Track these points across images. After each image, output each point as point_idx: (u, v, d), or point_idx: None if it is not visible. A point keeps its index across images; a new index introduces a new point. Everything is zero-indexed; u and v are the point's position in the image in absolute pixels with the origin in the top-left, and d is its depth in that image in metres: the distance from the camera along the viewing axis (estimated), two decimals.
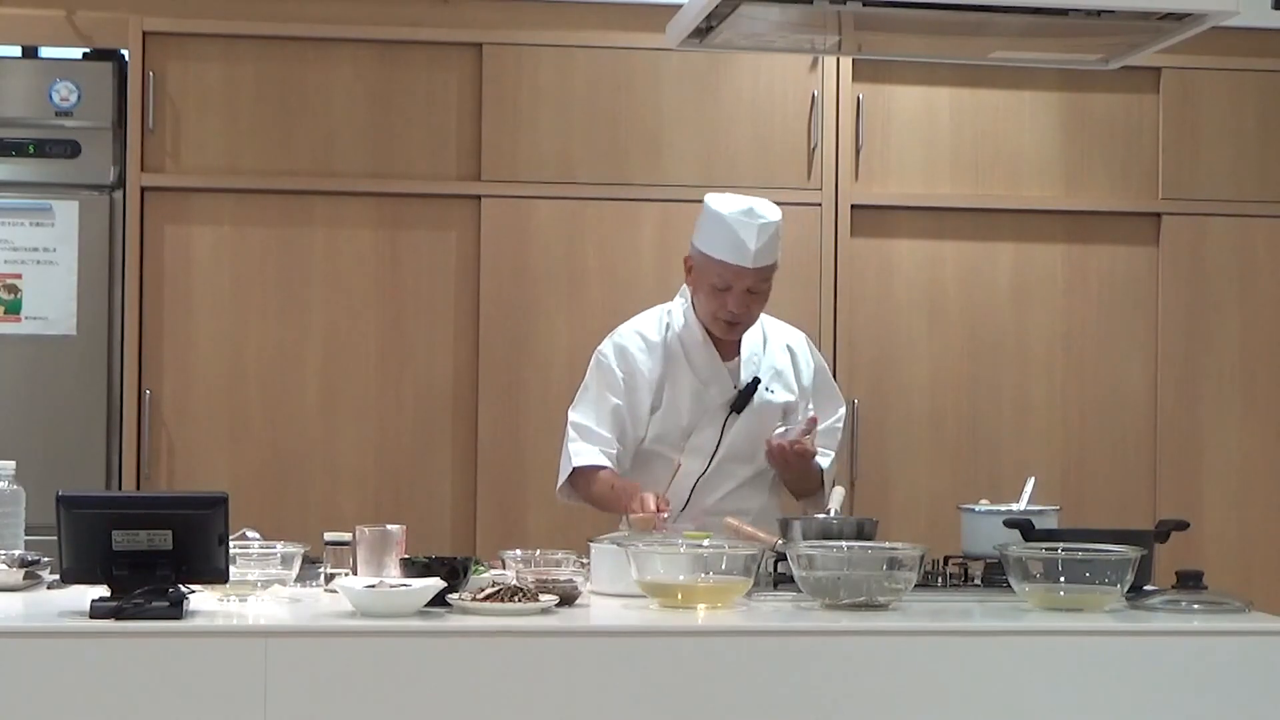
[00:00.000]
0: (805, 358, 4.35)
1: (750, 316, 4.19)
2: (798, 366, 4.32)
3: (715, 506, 4.13)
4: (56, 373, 5.14)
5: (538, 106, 5.29)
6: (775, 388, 4.25)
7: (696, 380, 4.20)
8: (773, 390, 4.24)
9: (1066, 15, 3.64)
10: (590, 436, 4.15)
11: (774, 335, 4.33)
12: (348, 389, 5.24)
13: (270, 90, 5.22)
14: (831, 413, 4.33)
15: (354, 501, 5.19)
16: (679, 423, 4.19)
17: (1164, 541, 3.71)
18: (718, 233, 4.13)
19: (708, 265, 4.14)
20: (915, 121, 5.45)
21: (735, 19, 3.70)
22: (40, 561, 3.54)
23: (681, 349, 4.23)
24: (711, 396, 4.20)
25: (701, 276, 4.17)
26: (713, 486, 4.19)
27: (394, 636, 3.09)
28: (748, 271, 4.10)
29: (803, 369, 4.33)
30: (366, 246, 5.26)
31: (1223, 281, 5.52)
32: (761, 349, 4.28)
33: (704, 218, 4.18)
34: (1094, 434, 5.48)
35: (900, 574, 3.38)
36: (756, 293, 4.15)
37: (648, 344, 4.23)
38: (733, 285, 4.12)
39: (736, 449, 4.21)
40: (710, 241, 4.14)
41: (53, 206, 5.15)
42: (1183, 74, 5.50)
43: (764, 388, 4.21)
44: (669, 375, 4.21)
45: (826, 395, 4.36)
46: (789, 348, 4.33)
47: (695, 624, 3.25)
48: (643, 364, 4.21)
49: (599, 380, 4.21)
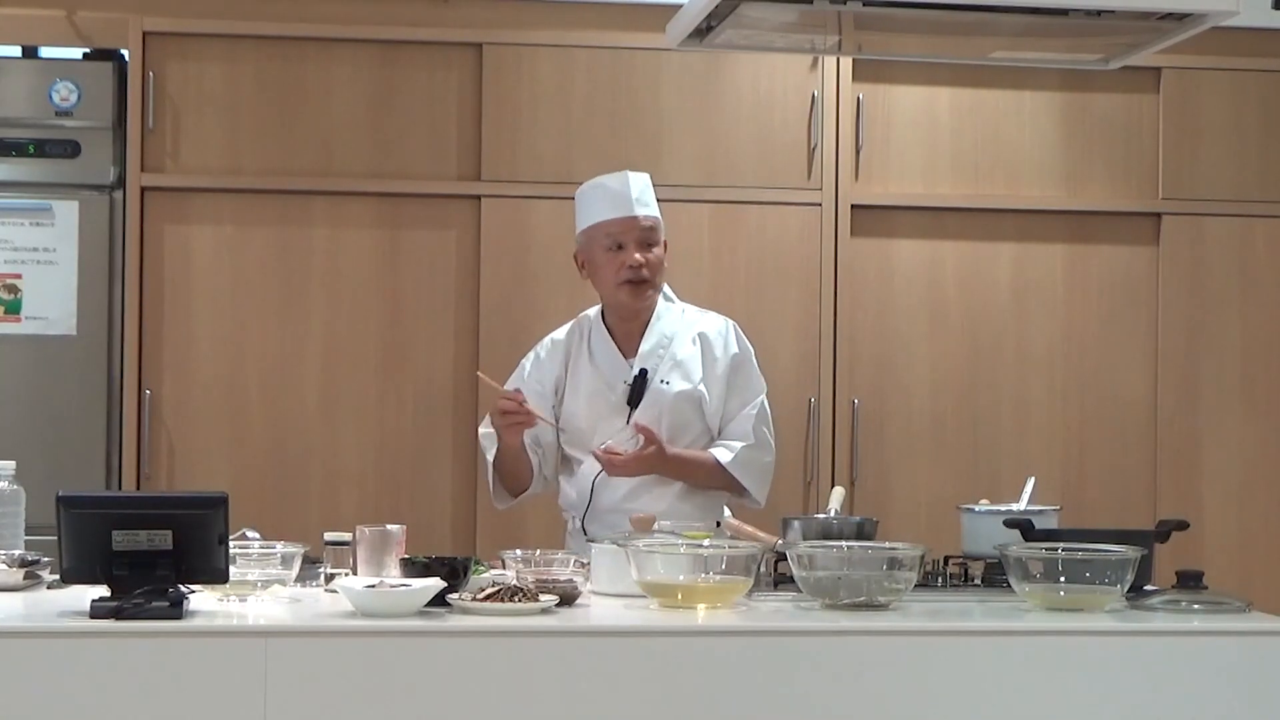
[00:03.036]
0: (721, 345, 4.25)
1: (653, 274, 4.17)
2: (709, 355, 4.23)
3: (618, 506, 4.10)
4: (56, 373, 5.14)
5: (538, 106, 5.29)
6: (672, 378, 4.19)
7: (597, 378, 4.20)
8: (669, 381, 4.18)
9: (1066, 15, 3.64)
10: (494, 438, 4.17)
11: (686, 327, 4.26)
12: (348, 389, 5.24)
13: (270, 90, 5.23)
14: (744, 402, 4.23)
15: (354, 501, 5.19)
16: (579, 423, 4.19)
17: (1164, 541, 3.71)
18: (594, 200, 4.20)
19: (595, 235, 4.17)
20: (915, 121, 5.45)
21: (735, 19, 3.70)
22: (40, 561, 3.54)
23: (587, 348, 4.24)
24: (611, 394, 4.18)
25: (594, 252, 4.18)
26: (612, 486, 4.14)
27: (394, 636, 3.09)
28: (634, 222, 4.14)
29: (717, 357, 4.23)
30: (366, 246, 5.26)
31: (1223, 281, 5.52)
32: (668, 342, 4.23)
33: (577, 205, 4.25)
34: (1094, 434, 5.48)
35: (900, 574, 3.38)
36: (652, 245, 4.17)
37: (555, 350, 4.28)
38: (623, 241, 4.14)
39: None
40: (590, 212, 4.20)
41: (53, 206, 5.15)
42: (1183, 74, 5.50)
43: (659, 380, 4.17)
44: (570, 377, 4.22)
45: (741, 383, 4.25)
46: (700, 336, 4.25)
47: (695, 624, 3.25)
48: (536, 372, 4.25)
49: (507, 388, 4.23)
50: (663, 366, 4.20)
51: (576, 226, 4.25)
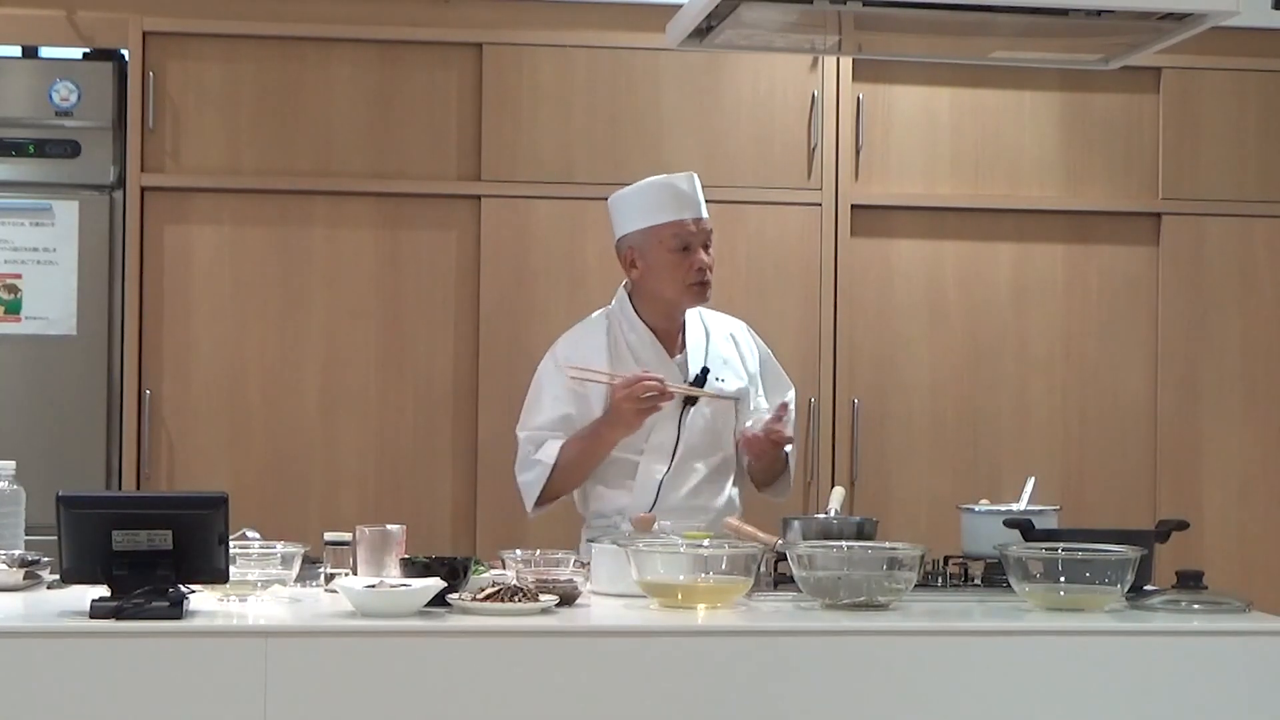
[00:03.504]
0: (748, 344, 4.34)
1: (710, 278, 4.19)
2: (742, 354, 4.31)
3: (682, 503, 4.13)
4: (56, 373, 5.13)
5: (538, 106, 5.29)
6: (726, 376, 4.24)
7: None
8: (723, 379, 4.22)
9: (1066, 15, 3.64)
10: (540, 441, 4.16)
11: (715, 326, 4.32)
12: (348, 389, 5.24)
13: (270, 90, 5.23)
14: (782, 397, 4.29)
15: (354, 501, 5.19)
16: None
17: (1164, 541, 3.71)
18: (660, 199, 4.16)
19: (658, 235, 4.14)
20: (915, 121, 5.45)
21: (735, 19, 3.70)
22: (40, 561, 3.54)
23: (628, 350, 4.22)
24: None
25: (654, 252, 4.15)
26: (677, 484, 4.17)
27: (394, 636, 3.10)
28: (701, 224, 4.15)
29: (747, 356, 4.31)
30: (366, 246, 5.26)
31: (1223, 281, 5.52)
32: (705, 340, 4.26)
33: (624, 204, 4.21)
34: (1094, 434, 5.48)
35: (900, 574, 3.38)
36: (709, 250, 4.18)
37: (592, 351, 4.21)
38: (691, 244, 4.13)
39: (695, 443, 4.20)
40: (650, 212, 4.16)
41: (53, 206, 5.15)
42: (1183, 74, 5.50)
43: (714, 377, 4.19)
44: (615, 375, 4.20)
45: (775, 380, 4.34)
46: (731, 336, 4.32)
47: (695, 624, 3.25)
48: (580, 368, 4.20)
49: (545, 394, 4.20)
50: (713, 364, 4.22)
51: (627, 223, 4.21)
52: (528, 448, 4.19)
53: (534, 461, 4.17)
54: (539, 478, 4.17)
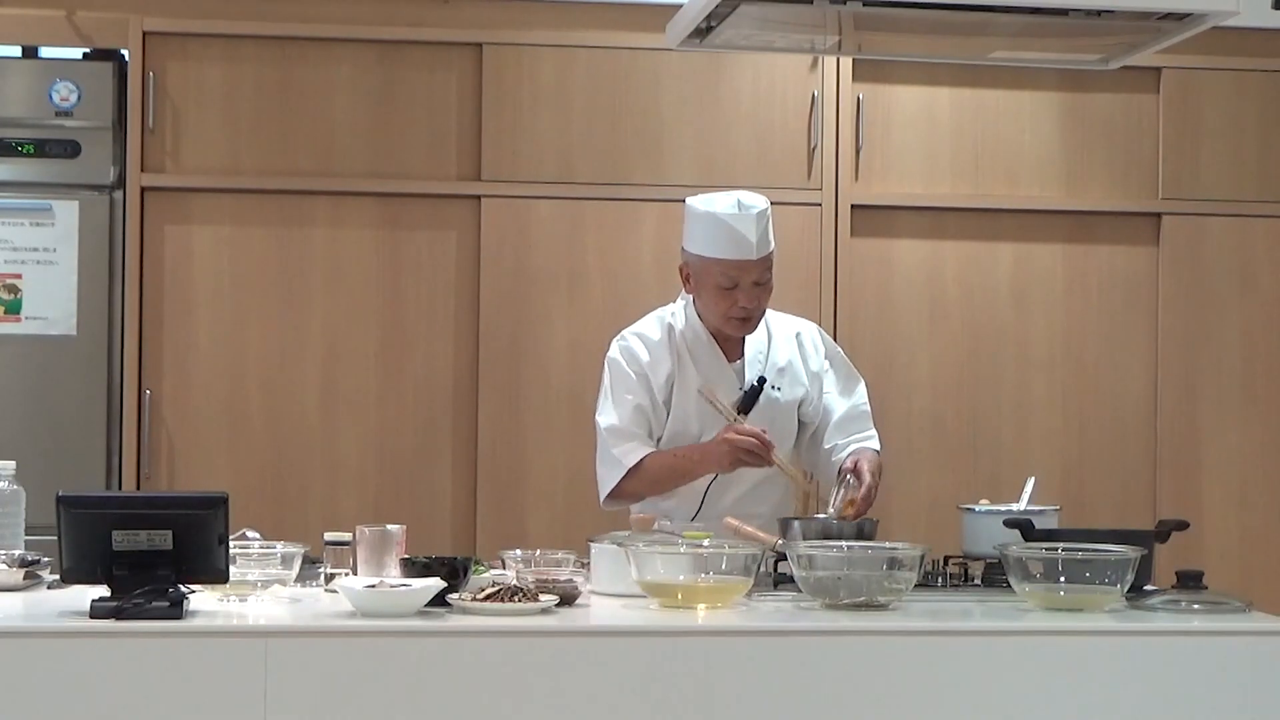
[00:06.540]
0: (814, 345, 4.30)
1: (760, 309, 4.14)
2: (805, 356, 4.28)
3: (730, 509, 4.09)
4: (56, 373, 5.13)
5: (538, 106, 5.30)
6: (782, 385, 4.21)
7: (703, 383, 4.17)
8: (779, 388, 4.21)
9: (1066, 15, 3.64)
10: (626, 435, 4.11)
11: (779, 330, 4.29)
12: (348, 389, 5.24)
13: (270, 90, 5.23)
14: (852, 394, 4.30)
15: (354, 501, 5.19)
16: (689, 427, 4.16)
17: (1164, 541, 3.71)
18: (713, 232, 4.08)
19: (709, 267, 4.09)
20: (915, 121, 5.45)
21: (735, 19, 3.70)
22: (40, 561, 3.54)
23: (688, 352, 4.20)
24: (719, 399, 4.18)
25: (704, 280, 4.12)
26: (725, 490, 4.15)
27: (394, 636, 3.09)
28: (752, 264, 4.07)
29: (810, 357, 4.28)
30: (366, 246, 5.26)
31: (1223, 281, 5.52)
32: (766, 346, 4.24)
33: (693, 221, 4.14)
34: (1094, 434, 5.48)
35: (900, 574, 3.38)
36: (762, 284, 4.11)
37: (653, 346, 4.18)
38: (739, 281, 4.08)
39: None
40: (706, 243, 4.09)
41: (53, 206, 5.15)
42: (1183, 74, 5.50)
43: (770, 387, 4.17)
44: (677, 378, 4.18)
45: (845, 377, 4.32)
46: (796, 337, 4.29)
47: (695, 624, 3.25)
48: (650, 365, 4.17)
49: (617, 382, 4.17)
50: (770, 372, 4.20)
51: (689, 240, 4.13)
52: (608, 439, 4.14)
53: (614, 459, 4.13)
54: (615, 477, 4.13)
